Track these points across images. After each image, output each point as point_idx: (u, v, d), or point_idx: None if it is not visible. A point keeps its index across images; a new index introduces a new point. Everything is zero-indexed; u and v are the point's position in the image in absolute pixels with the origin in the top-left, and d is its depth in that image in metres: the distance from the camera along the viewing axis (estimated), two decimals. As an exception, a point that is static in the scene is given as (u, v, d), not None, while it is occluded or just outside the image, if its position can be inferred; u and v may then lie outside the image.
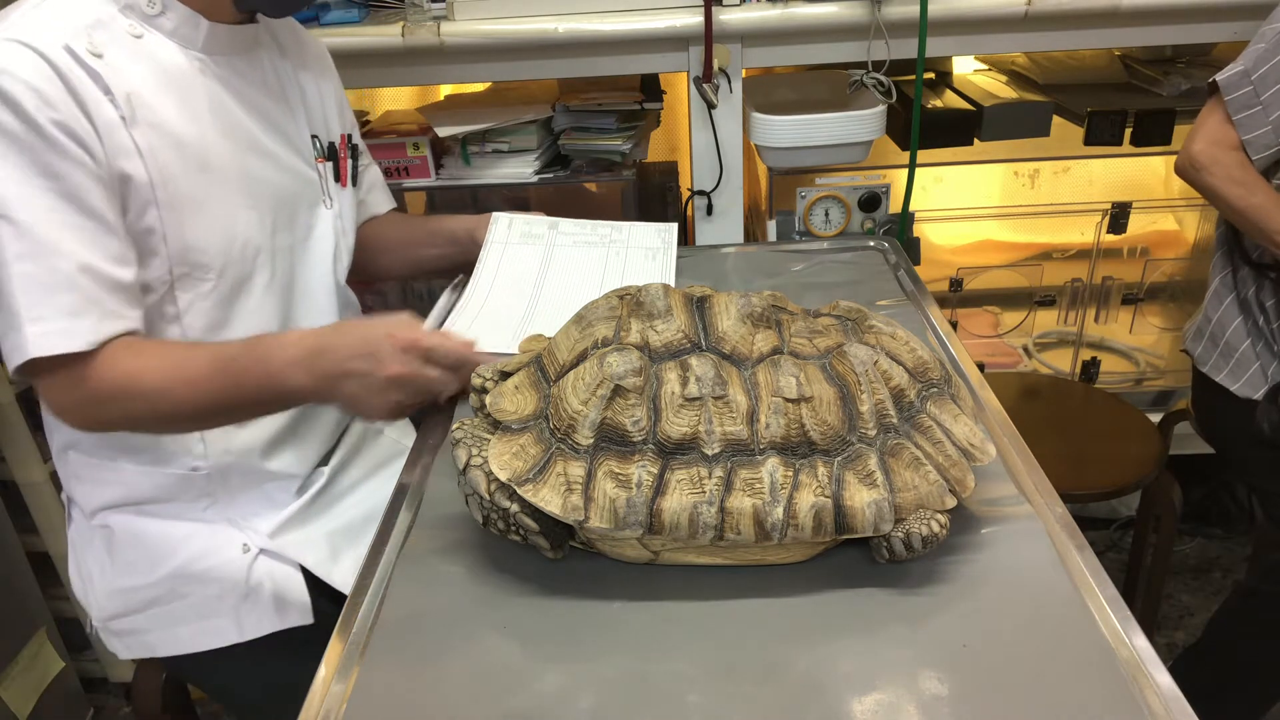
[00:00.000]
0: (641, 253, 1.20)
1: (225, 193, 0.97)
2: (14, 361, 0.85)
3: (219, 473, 1.03)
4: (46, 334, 0.83)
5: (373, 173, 1.28)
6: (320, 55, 1.18)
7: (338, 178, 1.14)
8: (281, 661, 1.06)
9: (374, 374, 0.86)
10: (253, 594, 1.03)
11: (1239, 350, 1.39)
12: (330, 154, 1.13)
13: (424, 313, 1.03)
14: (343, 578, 1.07)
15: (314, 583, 1.06)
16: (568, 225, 1.25)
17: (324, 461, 1.13)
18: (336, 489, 1.13)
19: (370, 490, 1.16)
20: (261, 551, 1.04)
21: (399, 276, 1.39)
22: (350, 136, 1.18)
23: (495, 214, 1.24)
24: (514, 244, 1.21)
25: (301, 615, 1.05)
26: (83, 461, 1.03)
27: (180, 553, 1.04)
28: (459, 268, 1.25)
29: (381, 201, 1.29)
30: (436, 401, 0.95)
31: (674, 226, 1.26)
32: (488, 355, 0.90)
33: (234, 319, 1.00)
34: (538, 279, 1.15)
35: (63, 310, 0.84)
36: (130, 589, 1.04)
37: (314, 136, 1.11)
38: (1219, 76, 1.26)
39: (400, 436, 1.23)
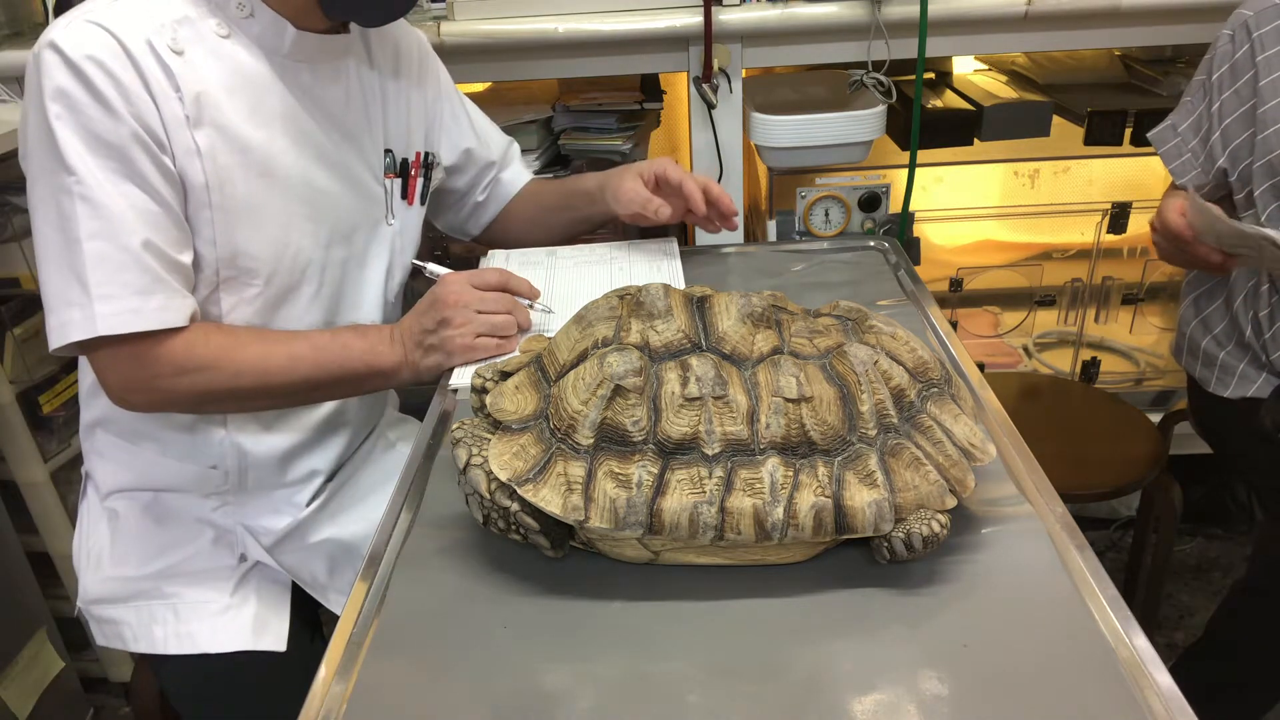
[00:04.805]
0: (647, 266, 1.19)
1: (284, 202, 0.97)
2: (72, 337, 0.86)
3: (236, 474, 1.03)
4: (117, 313, 0.85)
5: (513, 150, 1.29)
6: (419, 64, 1.14)
7: (404, 195, 1.12)
8: (248, 685, 1.06)
9: (440, 311, 0.98)
10: (234, 607, 1.03)
11: (1218, 359, 1.40)
12: (402, 170, 1.11)
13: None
14: (337, 597, 1.07)
15: (302, 603, 1.06)
16: (566, 251, 1.24)
17: (332, 476, 1.12)
18: (343, 500, 1.12)
19: (377, 503, 1.14)
20: (257, 564, 1.04)
21: (532, 244, 1.37)
22: (427, 155, 1.15)
23: (491, 251, 1.24)
24: (514, 267, 1.19)
25: (276, 640, 1.04)
26: (108, 440, 1.03)
27: (178, 551, 1.03)
28: (591, 225, 1.27)
29: (520, 176, 1.29)
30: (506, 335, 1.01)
31: (673, 240, 1.25)
32: (520, 280, 1.04)
33: (275, 326, 1.00)
34: (545, 297, 1.11)
35: (131, 289, 0.85)
36: (121, 578, 1.04)
37: (388, 151, 1.09)
38: (1150, 133, 1.38)
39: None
